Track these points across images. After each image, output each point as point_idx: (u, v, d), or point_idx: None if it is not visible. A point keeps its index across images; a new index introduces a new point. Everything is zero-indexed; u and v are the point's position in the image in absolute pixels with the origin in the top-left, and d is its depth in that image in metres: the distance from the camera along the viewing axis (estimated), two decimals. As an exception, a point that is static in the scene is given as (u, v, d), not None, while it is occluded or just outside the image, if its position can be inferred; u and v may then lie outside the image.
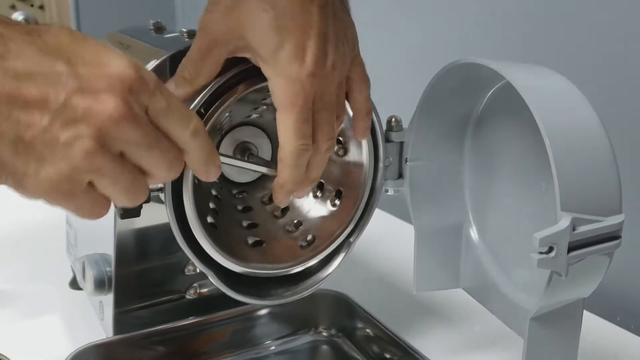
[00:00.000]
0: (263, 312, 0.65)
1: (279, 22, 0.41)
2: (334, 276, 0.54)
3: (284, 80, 0.42)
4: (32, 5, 1.73)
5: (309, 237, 0.54)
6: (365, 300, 0.64)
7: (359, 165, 0.53)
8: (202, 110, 0.45)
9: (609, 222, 0.38)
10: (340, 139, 0.54)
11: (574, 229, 0.36)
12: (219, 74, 0.45)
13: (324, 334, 0.67)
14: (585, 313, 0.44)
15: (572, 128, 0.39)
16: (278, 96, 0.42)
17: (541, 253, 0.36)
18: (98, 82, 0.32)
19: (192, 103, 0.45)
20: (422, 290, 0.56)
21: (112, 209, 0.38)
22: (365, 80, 0.48)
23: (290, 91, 0.42)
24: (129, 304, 0.60)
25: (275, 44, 0.41)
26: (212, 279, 0.49)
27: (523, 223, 0.50)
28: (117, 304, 0.60)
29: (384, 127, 0.54)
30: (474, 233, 0.55)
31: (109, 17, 1.70)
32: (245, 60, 0.45)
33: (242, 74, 0.46)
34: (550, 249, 0.36)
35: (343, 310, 0.66)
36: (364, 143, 0.52)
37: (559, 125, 0.38)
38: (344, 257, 0.54)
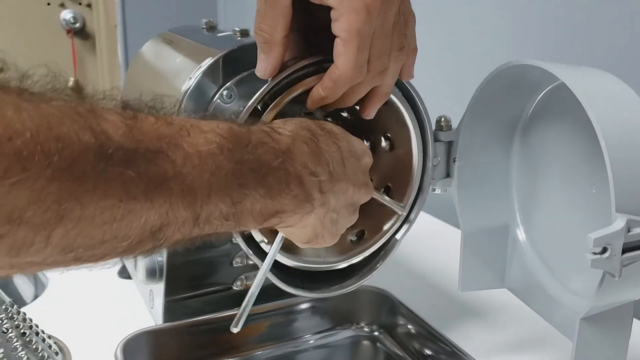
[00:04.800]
0: (305, 306, 0.66)
1: None
2: (379, 273, 0.55)
3: (349, 7, 0.40)
4: (80, 4, 1.79)
5: (359, 232, 0.55)
6: (407, 298, 0.65)
7: (408, 162, 0.54)
8: (259, 108, 0.46)
9: (664, 225, 0.38)
10: (389, 134, 0.54)
11: (628, 231, 0.37)
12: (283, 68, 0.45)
13: (366, 329, 0.68)
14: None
15: (628, 130, 0.39)
16: (342, 25, 0.40)
17: (595, 253, 0.37)
18: None
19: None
20: (467, 289, 0.56)
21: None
22: (412, 16, 0.46)
23: (356, 20, 0.40)
24: (179, 293, 0.62)
25: None
26: (274, 279, 0.50)
27: (571, 226, 0.50)
28: (168, 292, 0.62)
29: (434, 127, 0.55)
30: (520, 234, 0.55)
31: (154, 15, 1.74)
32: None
33: (300, 71, 0.47)
34: (604, 250, 0.36)
35: (385, 307, 0.66)
36: (414, 141, 0.53)
37: (615, 128, 0.39)
38: (391, 253, 0.55)
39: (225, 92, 0.56)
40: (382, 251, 0.55)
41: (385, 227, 0.54)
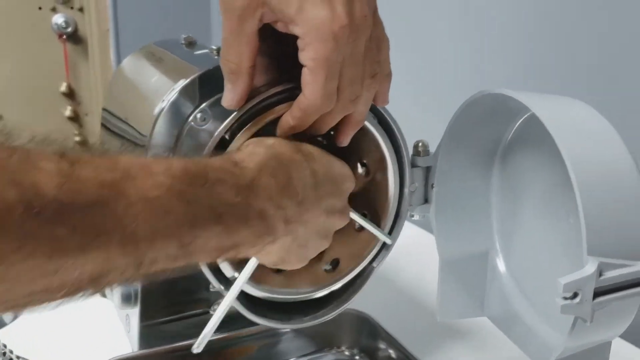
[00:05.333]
0: (287, 329, 0.65)
1: None
2: (356, 301, 0.54)
3: (316, 36, 0.38)
4: (71, 8, 1.77)
5: (333, 261, 0.54)
6: (388, 321, 0.64)
7: (384, 189, 0.53)
8: (227, 137, 0.45)
9: None
10: (364, 160, 0.53)
11: (600, 274, 0.36)
12: (252, 96, 0.44)
13: (346, 353, 0.67)
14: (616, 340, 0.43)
15: (602, 165, 0.38)
16: (309, 54, 0.39)
17: (565, 298, 0.35)
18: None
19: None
20: (445, 318, 0.55)
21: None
22: (386, 41, 0.44)
23: (323, 48, 0.39)
24: (155, 317, 0.61)
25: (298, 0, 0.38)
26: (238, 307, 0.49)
27: (550, 255, 0.49)
28: (143, 317, 0.61)
29: (411, 152, 0.53)
30: (499, 261, 0.54)
31: (146, 20, 1.72)
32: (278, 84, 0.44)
33: (271, 99, 0.46)
34: (575, 295, 0.35)
35: (365, 330, 0.66)
36: (390, 167, 0.51)
37: (588, 163, 0.37)
38: (367, 282, 0.54)
39: (199, 115, 0.54)
40: (359, 279, 0.54)
41: (362, 255, 0.53)
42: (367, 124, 0.49)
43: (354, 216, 0.49)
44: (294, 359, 0.66)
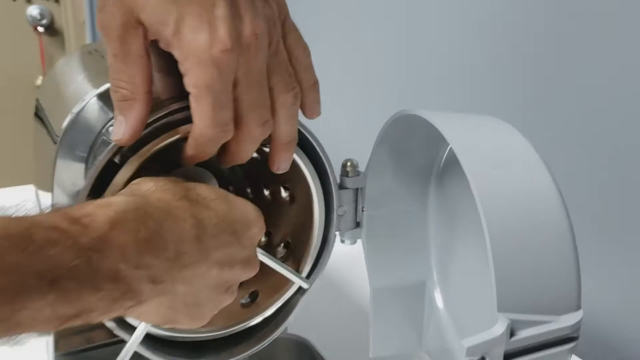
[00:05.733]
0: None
1: None
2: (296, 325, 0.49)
3: (195, 62, 0.34)
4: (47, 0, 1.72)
5: (252, 294, 0.49)
6: (329, 348, 0.59)
7: (308, 214, 0.48)
8: (117, 161, 0.40)
9: (562, 323, 0.32)
10: (287, 185, 0.48)
11: (512, 335, 0.30)
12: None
13: (285, 381, 0.62)
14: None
15: (519, 201, 0.33)
16: (190, 80, 0.35)
17: (471, 362, 0.30)
18: None
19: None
20: (379, 353, 0.50)
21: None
22: (303, 48, 0.40)
23: (203, 75, 0.34)
24: (71, 346, 0.57)
25: (175, 18, 0.34)
26: (142, 351, 0.44)
27: (485, 290, 0.44)
28: (58, 346, 0.56)
29: (339, 172, 0.48)
30: (437, 293, 0.49)
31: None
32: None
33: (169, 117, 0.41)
34: (482, 359, 0.30)
35: (303, 357, 0.61)
36: (313, 190, 0.46)
37: (501, 197, 0.32)
38: (292, 313, 0.49)
39: (111, 128, 0.50)
40: (283, 311, 0.49)
41: (285, 286, 0.48)
42: None
43: (264, 259, 0.44)
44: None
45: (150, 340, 0.45)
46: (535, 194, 0.33)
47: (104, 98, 0.51)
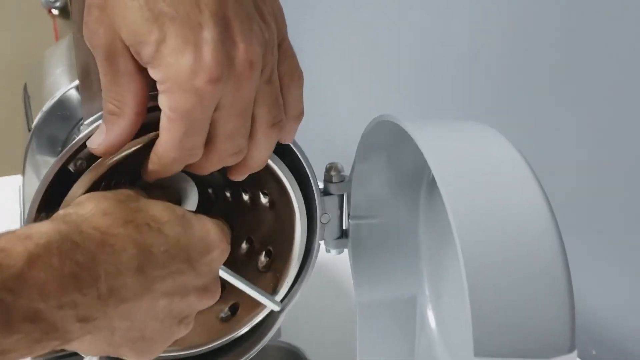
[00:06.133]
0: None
1: (152, 8, 0.30)
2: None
3: (174, 87, 0.31)
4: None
5: (232, 306, 0.45)
6: (321, 355, 0.56)
7: (289, 222, 0.44)
8: (71, 169, 0.37)
9: (551, 367, 0.28)
10: (266, 191, 0.45)
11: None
12: None
13: (275, 390, 0.59)
14: None
15: (503, 224, 0.28)
16: (165, 102, 0.32)
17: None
18: None
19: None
20: (366, 370, 0.47)
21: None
22: (297, 77, 0.37)
23: (182, 101, 0.31)
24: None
25: (156, 38, 0.30)
26: (95, 360, 0.41)
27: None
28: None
29: (322, 177, 0.44)
30: (429, 311, 0.45)
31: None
32: None
33: None
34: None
35: (296, 367, 0.58)
36: (292, 195, 0.43)
37: (483, 221, 0.28)
38: (272, 329, 0.45)
39: (82, 128, 0.46)
40: (264, 324, 0.46)
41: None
42: None
43: (231, 279, 0.40)
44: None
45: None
46: (521, 215, 0.29)
47: (68, 99, 0.48)
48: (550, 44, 0.63)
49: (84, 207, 0.33)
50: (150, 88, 0.34)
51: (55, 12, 1.74)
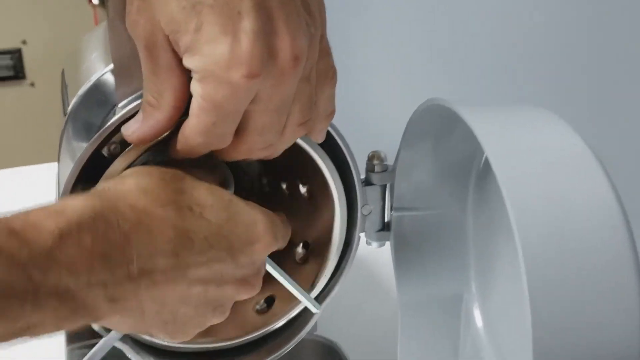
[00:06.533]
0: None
1: None
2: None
3: (208, 77, 0.29)
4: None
5: (268, 299, 0.43)
6: (358, 352, 0.54)
7: (328, 212, 0.42)
8: (105, 154, 0.36)
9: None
10: (304, 180, 0.42)
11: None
12: None
13: (310, 386, 0.57)
14: None
15: (567, 216, 0.26)
16: (197, 89, 0.30)
17: None
18: None
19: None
20: (407, 372, 0.44)
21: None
22: (332, 76, 0.35)
23: (214, 92, 0.29)
24: (82, 339, 0.54)
25: (193, 26, 0.29)
26: (129, 353, 0.40)
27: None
28: (69, 339, 0.54)
29: (365, 166, 0.42)
30: (476, 309, 0.42)
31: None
32: None
33: None
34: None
35: (333, 362, 0.56)
36: (332, 185, 0.40)
37: (543, 209, 0.25)
38: (306, 327, 0.44)
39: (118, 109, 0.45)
40: (300, 319, 0.44)
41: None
42: (297, 140, 0.38)
43: (272, 271, 0.39)
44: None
45: (141, 346, 0.41)
46: (587, 208, 0.26)
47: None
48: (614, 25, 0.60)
49: (125, 182, 0.32)
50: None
51: (95, 1, 1.76)
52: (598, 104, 0.60)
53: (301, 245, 0.44)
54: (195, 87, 0.31)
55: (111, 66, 0.47)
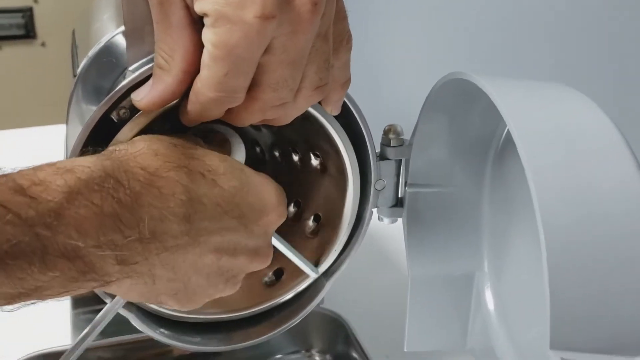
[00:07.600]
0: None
1: None
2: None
3: (220, 19, 0.28)
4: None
5: (276, 271, 0.43)
6: (367, 326, 0.54)
7: (341, 185, 0.41)
8: (114, 118, 0.35)
9: (638, 367, 0.24)
10: (317, 152, 0.42)
11: (566, 383, 0.23)
12: None
13: (317, 358, 0.57)
14: None
15: (592, 203, 0.25)
16: (209, 36, 0.29)
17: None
18: None
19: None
20: (415, 348, 0.44)
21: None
22: (347, 40, 0.33)
23: (226, 36, 0.28)
24: (88, 304, 0.54)
25: None
26: (134, 321, 0.40)
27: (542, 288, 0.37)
28: (75, 304, 0.54)
29: (380, 140, 0.41)
30: (487, 287, 0.42)
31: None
32: None
33: None
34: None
35: (339, 334, 0.55)
36: (346, 158, 0.39)
37: (569, 197, 0.24)
38: (316, 299, 0.43)
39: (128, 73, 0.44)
40: (306, 294, 0.44)
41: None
42: (310, 109, 0.37)
43: (277, 244, 0.38)
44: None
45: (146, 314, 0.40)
46: (613, 192, 0.25)
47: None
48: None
49: (135, 145, 0.31)
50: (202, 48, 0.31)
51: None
52: (623, 85, 0.58)
53: (312, 218, 0.43)
54: (207, 35, 0.29)
55: (122, 28, 0.46)
